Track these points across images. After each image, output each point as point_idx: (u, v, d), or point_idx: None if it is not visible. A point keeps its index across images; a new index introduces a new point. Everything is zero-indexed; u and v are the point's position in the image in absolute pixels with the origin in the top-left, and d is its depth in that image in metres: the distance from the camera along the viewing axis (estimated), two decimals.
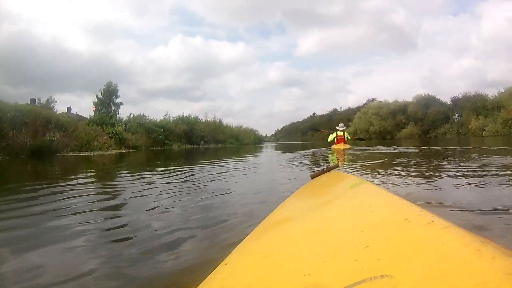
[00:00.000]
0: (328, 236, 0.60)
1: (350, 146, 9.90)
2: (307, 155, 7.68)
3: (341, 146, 9.92)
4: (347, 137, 10.61)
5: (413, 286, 0.34)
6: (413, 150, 7.85)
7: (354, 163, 4.77)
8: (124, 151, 14.37)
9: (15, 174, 5.21)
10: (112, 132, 16.14)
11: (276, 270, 0.52)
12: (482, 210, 1.56)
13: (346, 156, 6.66)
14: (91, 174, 4.75)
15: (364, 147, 10.38)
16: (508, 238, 1.18)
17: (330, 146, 11.04)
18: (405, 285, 0.35)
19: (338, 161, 5.61)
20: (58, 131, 12.59)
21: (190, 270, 1.02)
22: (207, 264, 1.03)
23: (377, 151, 8.03)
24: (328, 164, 1.63)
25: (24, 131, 11.17)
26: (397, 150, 8.02)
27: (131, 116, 21.09)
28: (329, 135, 11.01)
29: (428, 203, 1.74)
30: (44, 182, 3.44)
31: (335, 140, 10.59)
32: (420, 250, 0.40)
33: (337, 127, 10.85)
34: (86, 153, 12.01)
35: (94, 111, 22.44)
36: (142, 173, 4.25)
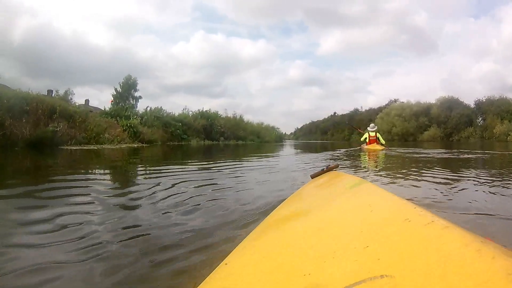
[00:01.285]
0: (328, 236, 0.60)
1: (383, 147, 9.59)
2: (338, 157, 6.76)
3: (376, 146, 9.72)
4: (378, 138, 10.37)
5: (413, 286, 0.34)
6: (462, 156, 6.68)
7: (388, 167, 4.46)
8: (136, 146, 13.36)
9: None
10: (126, 125, 15.30)
11: (276, 270, 0.52)
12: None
13: (380, 157, 6.31)
14: (71, 175, 3.62)
15: (399, 149, 9.93)
16: None
17: (359, 147, 10.90)
18: (405, 285, 0.34)
19: (369, 162, 5.37)
20: (65, 121, 11.42)
21: (190, 270, 1.03)
22: (207, 264, 1.03)
23: (420, 154, 7.22)
24: (328, 164, 1.63)
25: (24, 121, 10.07)
26: (440, 155, 6.99)
27: (148, 109, 20.25)
28: (363, 135, 10.83)
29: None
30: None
31: (367, 140, 10.42)
32: (420, 250, 0.40)
33: (368, 128, 10.70)
34: (92, 147, 10.89)
35: (111, 104, 21.07)
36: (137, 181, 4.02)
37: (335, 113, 78.48)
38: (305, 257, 0.53)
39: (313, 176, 1.57)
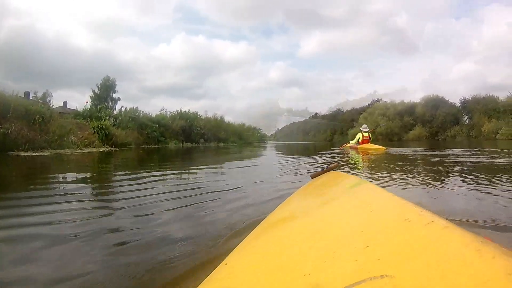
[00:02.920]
0: (328, 236, 0.60)
1: (385, 148, 9.43)
2: (332, 157, 6.47)
3: (370, 146, 9.75)
4: (370, 138, 10.45)
5: (413, 286, 0.34)
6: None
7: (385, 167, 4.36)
8: (103, 150, 11.88)
9: None
10: (97, 127, 14.08)
11: (276, 270, 0.52)
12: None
13: (381, 157, 6.18)
14: None
15: (396, 149, 9.74)
16: None
17: (342, 148, 10.98)
18: (405, 285, 0.34)
19: (369, 162, 5.33)
20: (22, 121, 9.89)
21: (190, 270, 1.02)
22: (207, 264, 1.03)
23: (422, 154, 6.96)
24: (328, 164, 1.63)
25: None
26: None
27: (123, 109, 19.25)
28: (356, 140, 10.69)
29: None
30: None
31: (360, 140, 10.44)
32: (420, 250, 0.40)
33: (361, 128, 10.81)
34: (46, 153, 9.11)
35: (88, 105, 19.39)
36: None
37: (316, 113, 78.46)
38: (305, 257, 0.53)
39: (313, 176, 1.57)
